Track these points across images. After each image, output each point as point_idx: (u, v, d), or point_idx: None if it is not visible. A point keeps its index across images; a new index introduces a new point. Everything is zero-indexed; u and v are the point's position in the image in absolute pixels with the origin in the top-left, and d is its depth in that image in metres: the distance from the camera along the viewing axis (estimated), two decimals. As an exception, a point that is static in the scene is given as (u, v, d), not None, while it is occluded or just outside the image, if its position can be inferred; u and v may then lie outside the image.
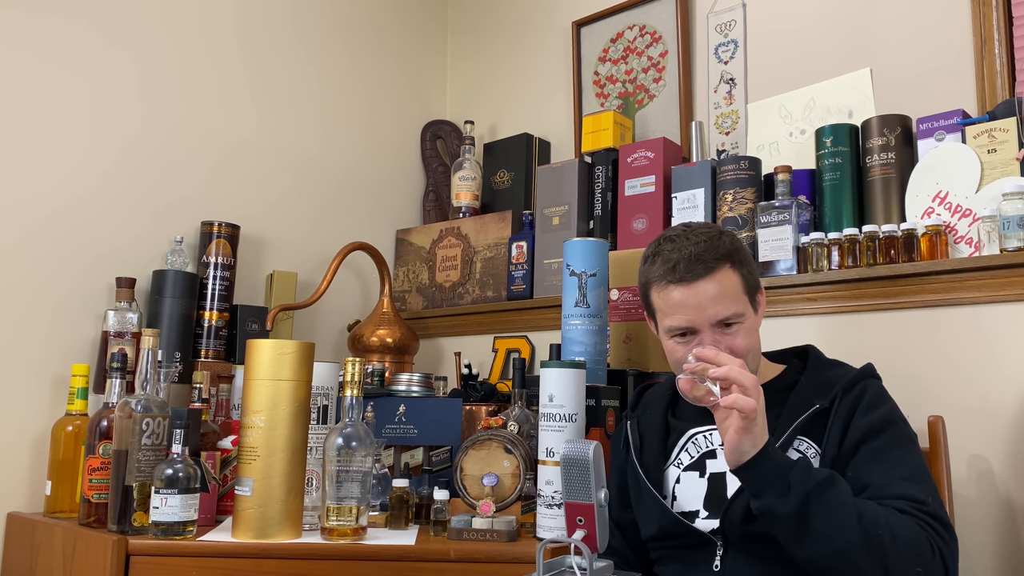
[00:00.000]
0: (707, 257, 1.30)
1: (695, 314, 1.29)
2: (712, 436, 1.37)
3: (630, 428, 1.46)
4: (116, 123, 2.10)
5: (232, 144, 2.32)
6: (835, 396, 1.28)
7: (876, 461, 1.21)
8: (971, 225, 1.65)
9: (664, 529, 1.34)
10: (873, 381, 1.32)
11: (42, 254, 1.95)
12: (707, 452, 1.36)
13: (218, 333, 2.10)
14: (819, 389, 1.30)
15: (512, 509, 1.57)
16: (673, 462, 1.39)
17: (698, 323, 1.30)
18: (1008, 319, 1.60)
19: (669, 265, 1.31)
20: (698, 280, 1.29)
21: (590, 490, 1.10)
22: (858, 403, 1.27)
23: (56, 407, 1.90)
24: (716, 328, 1.29)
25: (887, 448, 1.23)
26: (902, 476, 1.19)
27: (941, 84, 1.83)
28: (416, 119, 2.80)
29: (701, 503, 1.33)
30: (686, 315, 1.30)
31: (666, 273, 1.31)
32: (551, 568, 1.09)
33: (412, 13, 2.83)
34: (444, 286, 2.51)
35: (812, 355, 1.40)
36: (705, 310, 1.29)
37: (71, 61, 2.04)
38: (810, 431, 1.28)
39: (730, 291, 1.30)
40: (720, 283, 1.29)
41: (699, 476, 1.35)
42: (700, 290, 1.29)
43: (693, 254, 1.30)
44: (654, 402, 1.49)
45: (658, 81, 2.33)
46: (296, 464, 1.49)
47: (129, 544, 1.43)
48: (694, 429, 1.39)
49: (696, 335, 1.30)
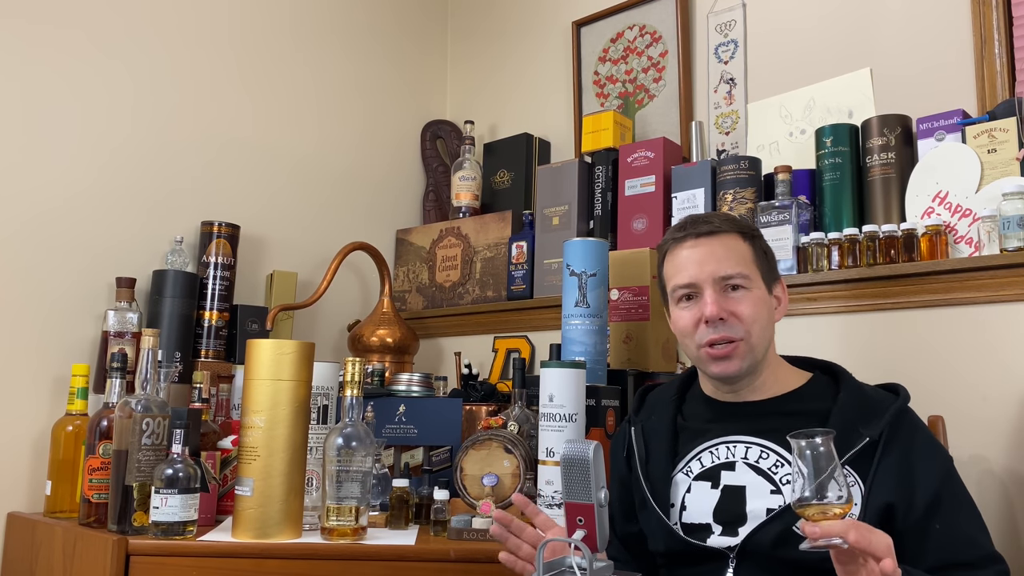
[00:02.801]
0: (715, 221, 1.34)
1: (697, 269, 1.30)
2: (735, 448, 1.31)
3: (634, 435, 1.41)
4: (116, 123, 2.10)
5: (233, 144, 2.32)
6: (883, 429, 1.22)
7: (957, 512, 1.19)
8: (971, 225, 1.65)
9: (671, 547, 1.30)
10: (914, 413, 1.28)
11: (42, 254, 1.95)
12: (725, 463, 1.30)
13: (218, 333, 2.10)
14: (863, 417, 1.24)
15: (512, 509, 1.57)
16: (682, 469, 1.34)
17: (700, 278, 1.29)
18: (1008, 319, 1.60)
19: (678, 226, 1.36)
20: (702, 237, 1.32)
21: (590, 490, 1.09)
22: (914, 441, 1.23)
23: (56, 407, 1.90)
24: (719, 289, 1.29)
25: (960, 496, 1.21)
26: (980, 529, 1.20)
27: (941, 84, 1.83)
28: (416, 119, 2.80)
29: (711, 516, 1.28)
30: (689, 271, 1.31)
31: (674, 232, 1.36)
32: (551, 568, 1.09)
33: (411, 13, 2.83)
34: (444, 286, 2.51)
35: (842, 374, 1.34)
36: (707, 265, 1.29)
37: (71, 61, 2.03)
38: (854, 462, 1.21)
39: (736, 254, 1.30)
40: (726, 244, 1.31)
41: (711, 487, 1.29)
42: (704, 246, 1.31)
43: (703, 218, 1.35)
44: (660, 406, 1.43)
45: (658, 81, 2.33)
46: (296, 464, 1.49)
47: (129, 544, 1.43)
48: (716, 439, 1.33)
49: (698, 297, 1.30)
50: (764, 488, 1.26)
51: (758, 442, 1.29)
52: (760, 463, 1.28)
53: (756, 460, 1.28)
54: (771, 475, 1.26)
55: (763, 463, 1.28)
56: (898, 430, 1.23)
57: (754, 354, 1.29)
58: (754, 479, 1.27)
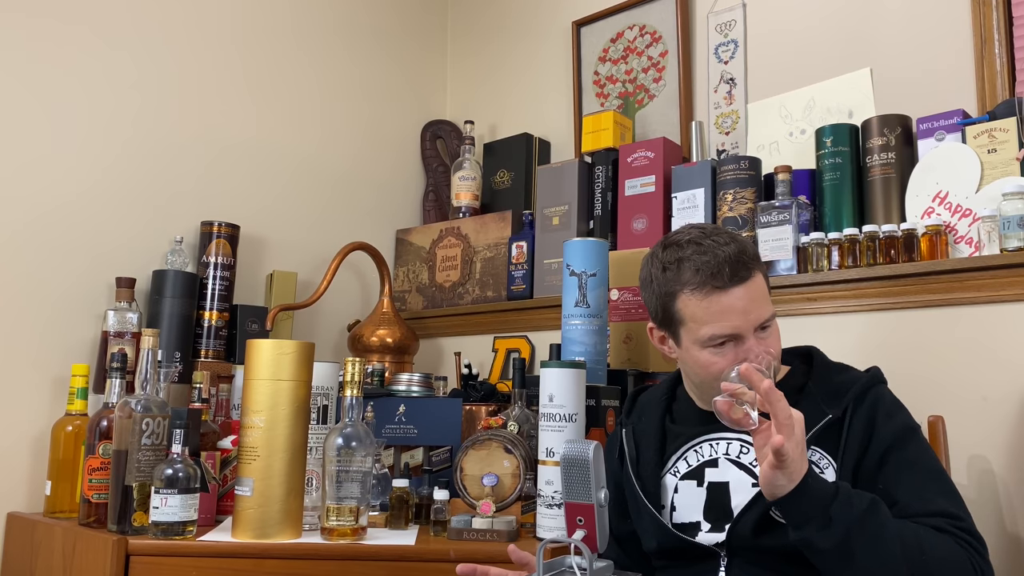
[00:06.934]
0: (746, 259, 1.26)
1: (742, 319, 1.24)
2: (717, 445, 1.32)
3: (625, 437, 1.43)
4: (116, 122, 2.10)
5: (232, 144, 2.32)
6: (847, 405, 1.24)
7: (905, 472, 1.19)
8: (971, 225, 1.65)
9: (663, 544, 1.31)
10: (883, 387, 1.29)
11: (42, 253, 1.95)
12: (708, 461, 1.32)
13: (218, 333, 2.10)
14: (829, 397, 1.26)
15: (512, 509, 1.57)
16: (670, 470, 1.36)
17: (744, 328, 1.24)
18: (1008, 319, 1.60)
19: (710, 271, 1.24)
20: (743, 283, 1.24)
21: (590, 490, 1.09)
22: (874, 411, 1.24)
23: (56, 407, 1.90)
24: (757, 332, 1.25)
25: (915, 459, 1.21)
26: (934, 490, 1.18)
27: (941, 84, 1.83)
28: (416, 119, 2.80)
29: (701, 514, 1.30)
30: (733, 321, 1.23)
31: (708, 279, 1.24)
32: (551, 568, 1.09)
33: (412, 13, 2.83)
34: (444, 286, 2.51)
35: (816, 358, 1.36)
36: (750, 314, 1.24)
37: (71, 61, 2.03)
38: (823, 441, 1.24)
39: (764, 292, 1.28)
40: (760, 287, 1.27)
41: (697, 485, 1.31)
42: (747, 293, 1.24)
43: (733, 257, 1.24)
44: (649, 408, 1.45)
45: (658, 81, 2.33)
46: (296, 464, 1.49)
47: (129, 544, 1.43)
48: (699, 437, 1.35)
49: (737, 342, 1.25)
50: (746, 482, 1.28)
51: (739, 437, 1.31)
52: (741, 458, 1.30)
53: (738, 455, 1.30)
54: (752, 469, 1.28)
55: (744, 458, 1.30)
56: (861, 406, 1.25)
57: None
58: (736, 474, 1.29)
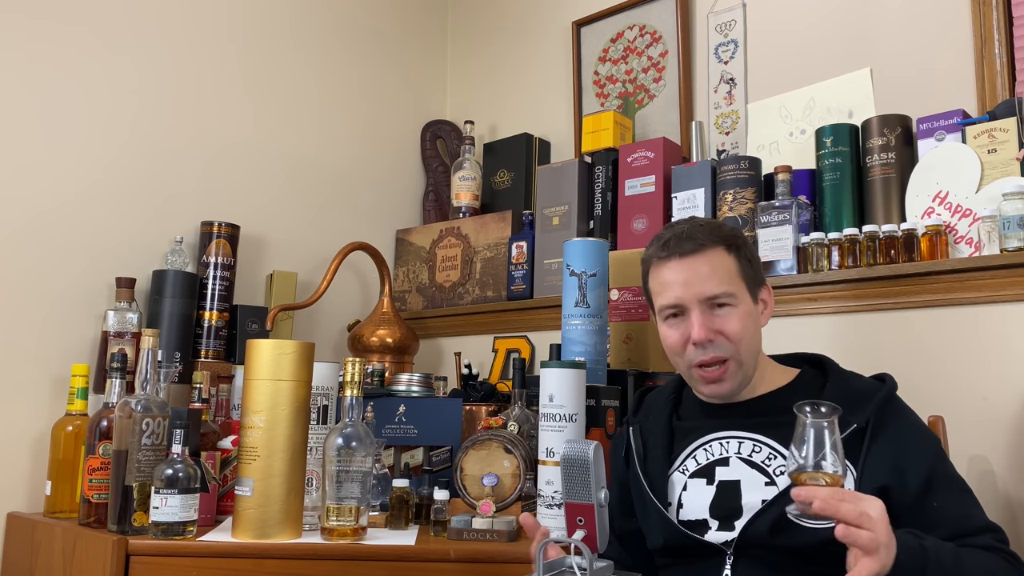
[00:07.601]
0: (699, 235, 1.30)
1: (683, 290, 1.28)
2: (728, 444, 1.32)
3: (632, 435, 1.42)
4: (116, 122, 2.10)
5: (232, 144, 2.32)
6: (870, 416, 1.24)
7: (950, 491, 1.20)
8: (971, 225, 1.65)
9: (670, 542, 1.31)
10: (900, 399, 1.29)
11: (42, 253, 1.95)
12: (719, 459, 1.31)
13: (218, 333, 2.10)
14: (849, 404, 1.24)
15: (512, 509, 1.57)
16: (678, 468, 1.35)
17: (686, 299, 1.29)
18: (1008, 319, 1.60)
19: (661, 243, 1.33)
20: (686, 256, 1.29)
21: (590, 490, 1.10)
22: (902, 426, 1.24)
23: (56, 407, 1.90)
24: (706, 308, 1.28)
25: (951, 474, 1.22)
26: (969, 503, 1.20)
27: (941, 84, 1.83)
28: (416, 119, 2.80)
29: (708, 512, 1.29)
30: (674, 291, 1.30)
31: (658, 250, 1.33)
32: (551, 568, 1.09)
33: (412, 15, 2.83)
34: (444, 286, 2.51)
35: (830, 365, 1.35)
36: (692, 286, 1.28)
37: (71, 63, 2.03)
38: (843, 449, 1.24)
39: (721, 270, 1.29)
40: (711, 261, 1.29)
41: (706, 483, 1.31)
42: (688, 265, 1.29)
43: (686, 232, 1.31)
44: (656, 406, 1.45)
45: (658, 81, 2.33)
46: (296, 464, 1.49)
47: (129, 544, 1.43)
48: (708, 435, 1.35)
49: (685, 315, 1.29)
50: (759, 481, 1.27)
51: (751, 436, 1.31)
52: (753, 457, 1.29)
53: (749, 454, 1.30)
54: (764, 468, 1.28)
55: (756, 457, 1.29)
56: (884, 416, 1.25)
57: (744, 370, 1.31)
58: (748, 473, 1.29)
